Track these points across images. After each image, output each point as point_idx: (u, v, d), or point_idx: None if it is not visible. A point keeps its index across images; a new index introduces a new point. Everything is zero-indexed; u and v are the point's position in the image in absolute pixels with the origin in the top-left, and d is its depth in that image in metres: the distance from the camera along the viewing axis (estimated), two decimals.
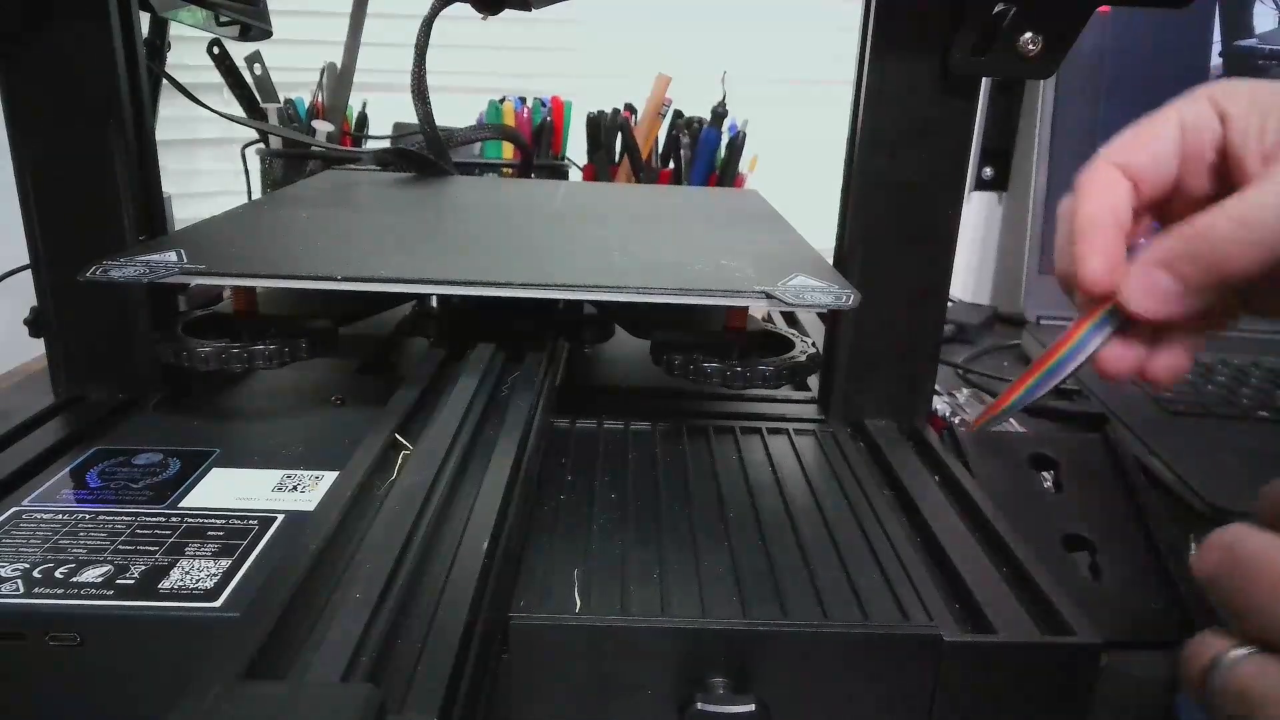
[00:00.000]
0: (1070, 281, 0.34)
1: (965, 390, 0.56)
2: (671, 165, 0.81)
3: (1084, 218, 0.32)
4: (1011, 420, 0.52)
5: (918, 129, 0.38)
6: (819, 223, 0.49)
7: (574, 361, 0.50)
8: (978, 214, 0.89)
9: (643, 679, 0.26)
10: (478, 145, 0.76)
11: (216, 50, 0.72)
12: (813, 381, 0.46)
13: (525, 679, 0.26)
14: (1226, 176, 0.32)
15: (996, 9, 0.36)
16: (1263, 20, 0.77)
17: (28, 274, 0.40)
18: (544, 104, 0.81)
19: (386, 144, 0.76)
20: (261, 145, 0.76)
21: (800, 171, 0.89)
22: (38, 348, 0.41)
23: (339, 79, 0.77)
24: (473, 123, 0.79)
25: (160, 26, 0.56)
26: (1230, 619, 0.23)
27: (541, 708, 0.26)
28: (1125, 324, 0.32)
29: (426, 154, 0.58)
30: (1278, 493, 0.25)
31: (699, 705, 0.25)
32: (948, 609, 0.27)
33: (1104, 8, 0.36)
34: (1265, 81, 0.32)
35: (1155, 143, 0.33)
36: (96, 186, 0.38)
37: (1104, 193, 0.32)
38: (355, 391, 0.42)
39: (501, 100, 0.80)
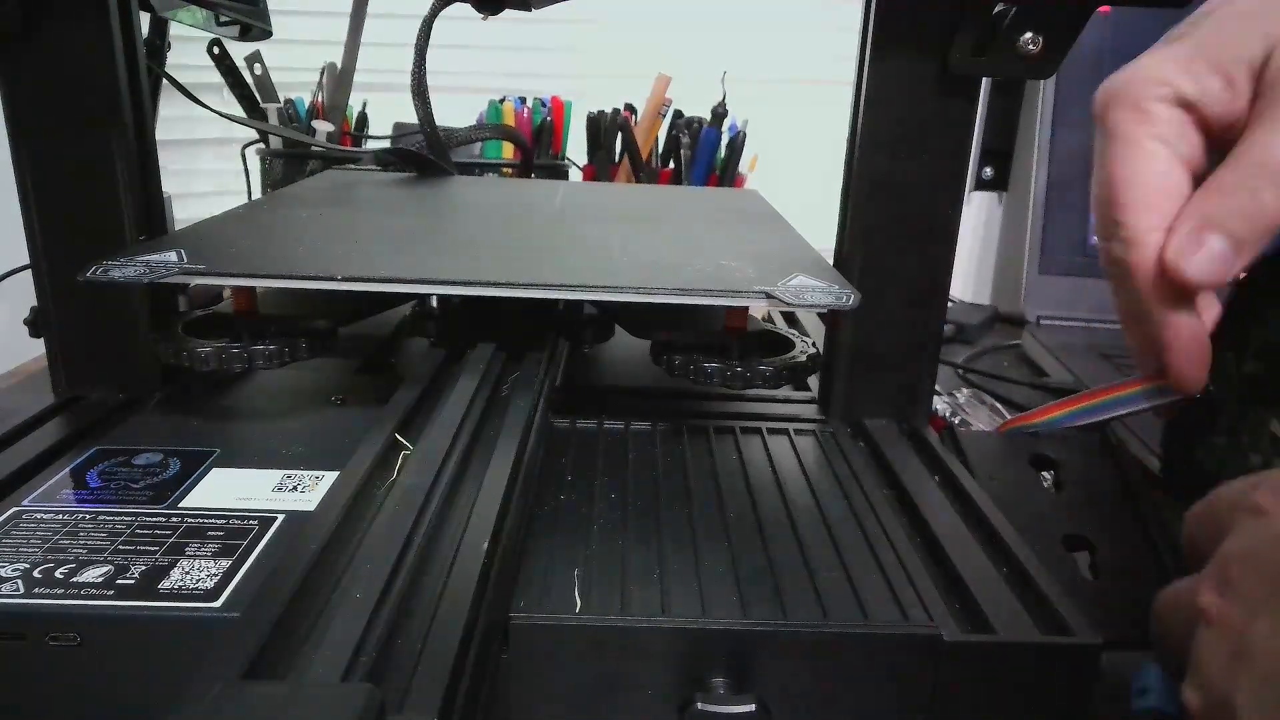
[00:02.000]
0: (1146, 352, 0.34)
1: (965, 390, 0.56)
2: (671, 165, 0.81)
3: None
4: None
5: (918, 129, 0.38)
6: (819, 223, 0.49)
7: (574, 361, 0.50)
8: (978, 214, 0.89)
9: (643, 679, 0.26)
10: (478, 145, 0.76)
11: (216, 50, 0.72)
12: (813, 381, 0.46)
13: (525, 679, 0.26)
14: (1219, 146, 0.33)
15: (996, 9, 0.36)
16: None
17: (28, 274, 0.40)
18: (544, 104, 0.81)
19: (386, 144, 0.76)
20: (261, 145, 0.76)
21: (800, 171, 0.89)
22: (38, 348, 0.41)
23: (339, 79, 0.77)
24: (473, 123, 0.79)
25: (160, 26, 0.56)
26: (1210, 546, 0.25)
27: (541, 708, 0.26)
28: (1176, 400, 0.34)
29: (426, 154, 0.58)
30: (1200, 510, 0.27)
31: (699, 705, 0.25)
32: (948, 609, 0.27)
33: (1104, 8, 0.36)
34: (1152, 56, 0.32)
35: (1157, 169, 0.32)
36: (96, 187, 0.38)
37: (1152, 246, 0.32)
38: (355, 391, 0.42)
39: (501, 100, 0.80)
